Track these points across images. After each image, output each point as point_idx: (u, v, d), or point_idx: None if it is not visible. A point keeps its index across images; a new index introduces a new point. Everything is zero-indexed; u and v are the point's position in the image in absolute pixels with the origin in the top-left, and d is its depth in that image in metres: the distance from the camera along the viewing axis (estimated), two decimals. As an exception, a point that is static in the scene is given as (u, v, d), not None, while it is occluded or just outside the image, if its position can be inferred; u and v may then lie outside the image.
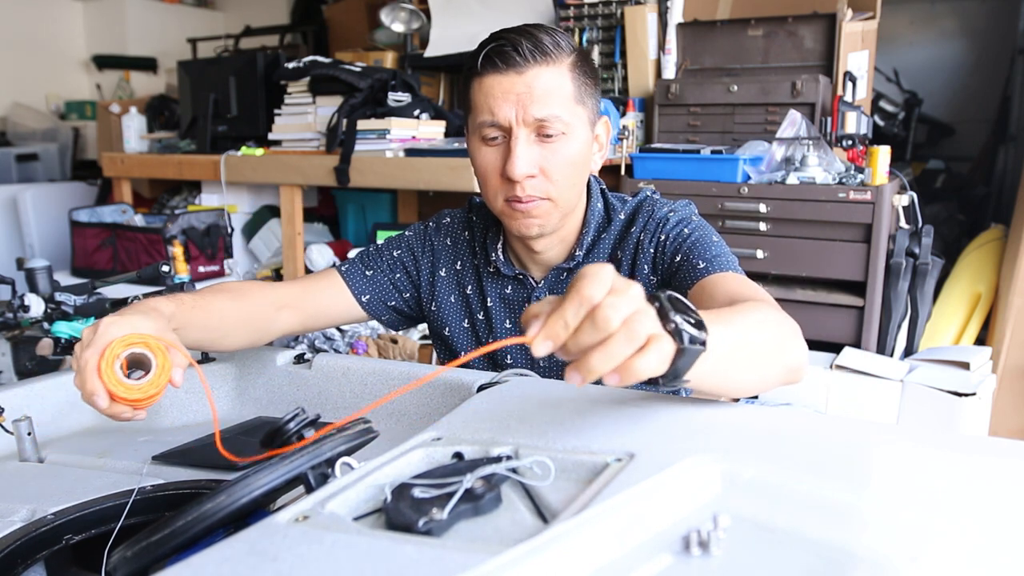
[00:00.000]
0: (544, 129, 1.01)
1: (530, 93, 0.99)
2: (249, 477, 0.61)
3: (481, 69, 1.02)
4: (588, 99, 1.05)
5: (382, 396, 1.08)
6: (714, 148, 2.43)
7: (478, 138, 1.06)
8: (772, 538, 0.52)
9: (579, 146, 1.05)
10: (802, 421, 0.76)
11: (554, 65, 1.00)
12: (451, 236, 1.24)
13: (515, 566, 0.46)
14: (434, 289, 1.23)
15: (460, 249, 1.23)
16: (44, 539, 0.79)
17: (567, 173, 1.04)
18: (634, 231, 1.13)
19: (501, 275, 1.18)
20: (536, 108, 1.00)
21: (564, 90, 1.01)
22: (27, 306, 1.17)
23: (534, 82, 0.99)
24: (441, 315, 1.22)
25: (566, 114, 1.01)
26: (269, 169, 2.69)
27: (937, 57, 4.49)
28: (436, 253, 1.24)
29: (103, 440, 1.08)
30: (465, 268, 1.22)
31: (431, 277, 1.23)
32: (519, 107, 1.00)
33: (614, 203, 1.17)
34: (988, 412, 2.09)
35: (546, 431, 0.72)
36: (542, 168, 1.03)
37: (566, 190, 1.06)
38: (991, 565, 0.50)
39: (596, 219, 1.15)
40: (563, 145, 1.03)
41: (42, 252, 3.40)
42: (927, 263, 2.33)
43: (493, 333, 1.19)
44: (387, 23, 3.18)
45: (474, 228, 1.23)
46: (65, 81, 5.08)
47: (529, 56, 0.99)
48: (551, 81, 1.00)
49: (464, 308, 1.22)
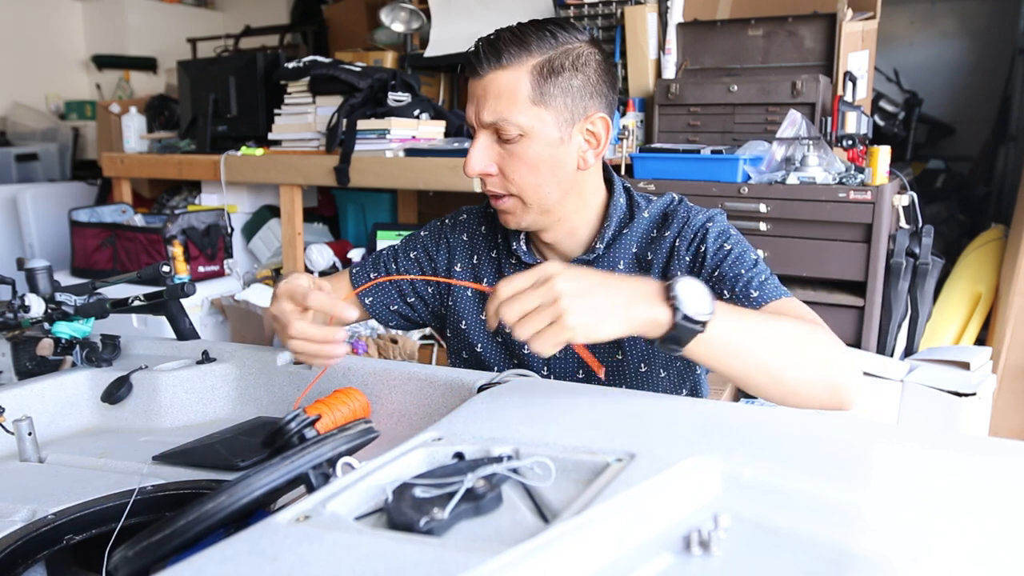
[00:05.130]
0: (502, 133, 1.03)
1: (485, 96, 1.03)
2: (250, 477, 0.62)
3: (465, 70, 1.07)
4: (558, 99, 1.03)
5: (382, 396, 1.08)
6: (714, 148, 2.43)
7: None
8: (773, 538, 0.52)
9: (540, 149, 1.04)
10: (802, 421, 0.77)
11: (510, 69, 1.02)
12: (467, 231, 1.26)
13: (516, 566, 0.46)
14: (451, 284, 1.24)
15: (476, 244, 1.25)
16: (45, 539, 0.79)
17: (526, 174, 1.06)
18: (668, 235, 1.13)
19: (522, 264, 1.19)
20: (486, 112, 1.03)
21: (519, 93, 1.02)
22: (27, 306, 1.18)
23: (489, 86, 1.02)
24: (458, 309, 1.24)
25: (521, 117, 1.02)
26: (269, 169, 2.69)
27: (937, 57, 4.49)
28: (452, 249, 1.26)
29: (103, 440, 1.08)
30: (482, 262, 1.23)
31: (447, 273, 1.25)
32: (477, 109, 1.04)
33: (638, 200, 1.18)
34: (988, 412, 2.09)
35: (547, 431, 0.73)
36: (500, 167, 1.06)
37: (530, 190, 1.07)
38: (991, 565, 0.50)
39: (618, 214, 1.15)
40: (521, 147, 1.04)
41: (42, 252, 3.40)
42: (927, 263, 2.33)
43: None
44: (387, 23, 3.18)
45: (493, 221, 1.25)
46: (65, 81, 5.07)
47: (484, 61, 1.02)
48: (505, 85, 1.02)
49: (480, 301, 1.23)
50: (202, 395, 1.17)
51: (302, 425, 0.72)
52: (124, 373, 1.16)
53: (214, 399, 1.17)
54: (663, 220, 1.16)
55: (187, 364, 1.19)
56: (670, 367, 1.15)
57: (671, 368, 1.16)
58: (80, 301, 1.21)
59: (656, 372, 1.15)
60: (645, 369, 1.14)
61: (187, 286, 1.27)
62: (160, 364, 1.20)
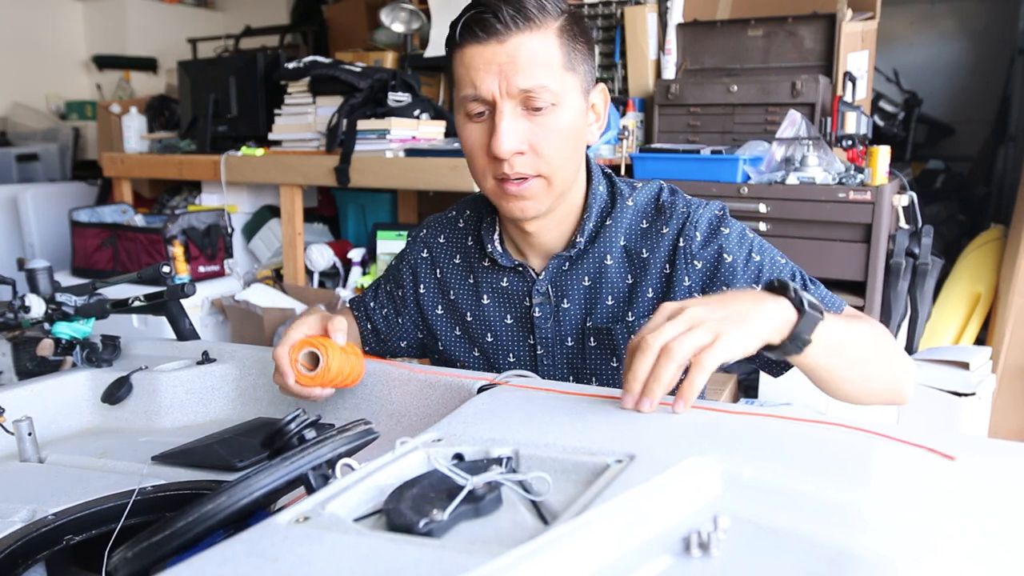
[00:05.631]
0: (531, 101, 0.93)
1: (513, 63, 0.92)
2: (250, 478, 0.62)
3: (461, 39, 0.95)
4: (580, 65, 0.97)
5: (382, 397, 1.08)
6: (714, 148, 2.43)
7: (463, 114, 0.98)
8: (772, 539, 0.52)
9: (572, 117, 0.97)
10: (802, 422, 0.77)
11: (538, 31, 0.92)
12: (428, 246, 1.20)
13: (515, 567, 0.46)
14: (420, 306, 1.21)
15: (437, 256, 1.19)
16: (44, 539, 0.79)
17: (559, 147, 0.96)
18: (666, 232, 1.06)
19: (498, 267, 1.12)
20: (521, 78, 0.92)
21: (551, 58, 0.93)
22: (28, 307, 1.18)
23: (517, 51, 0.92)
24: (435, 331, 1.20)
25: (555, 83, 0.93)
26: (269, 169, 2.69)
27: (937, 57, 4.49)
28: (415, 269, 1.21)
29: (103, 440, 1.08)
30: (446, 273, 1.18)
31: (415, 296, 1.21)
32: (502, 78, 0.92)
33: (621, 187, 1.10)
34: (988, 412, 2.09)
35: (546, 432, 0.73)
36: (531, 144, 0.95)
37: (560, 166, 0.98)
38: (992, 565, 0.50)
39: (599, 203, 1.08)
40: (553, 117, 0.95)
41: (42, 252, 3.40)
42: (927, 263, 2.33)
43: (492, 331, 1.14)
44: (387, 23, 3.18)
45: (452, 227, 1.19)
46: (65, 81, 5.08)
47: (511, 22, 0.91)
48: (536, 49, 0.92)
49: (450, 317, 1.18)
50: (202, 395, 1.17)
51: (302, 426, 0.72)
52: (124, 373, 1.16)
53: (214, 399, 1.17)
54: (656, 212, 1.08)
55: (187, 364, 1.19)
56: None
57: None
58: (80, 301, 1.21)
59: None
60: None
61: (187, 286, 1.27)
62: (160, 364, 1.20)
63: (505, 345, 1.14)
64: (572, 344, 1.11)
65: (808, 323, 0.81)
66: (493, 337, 1.15)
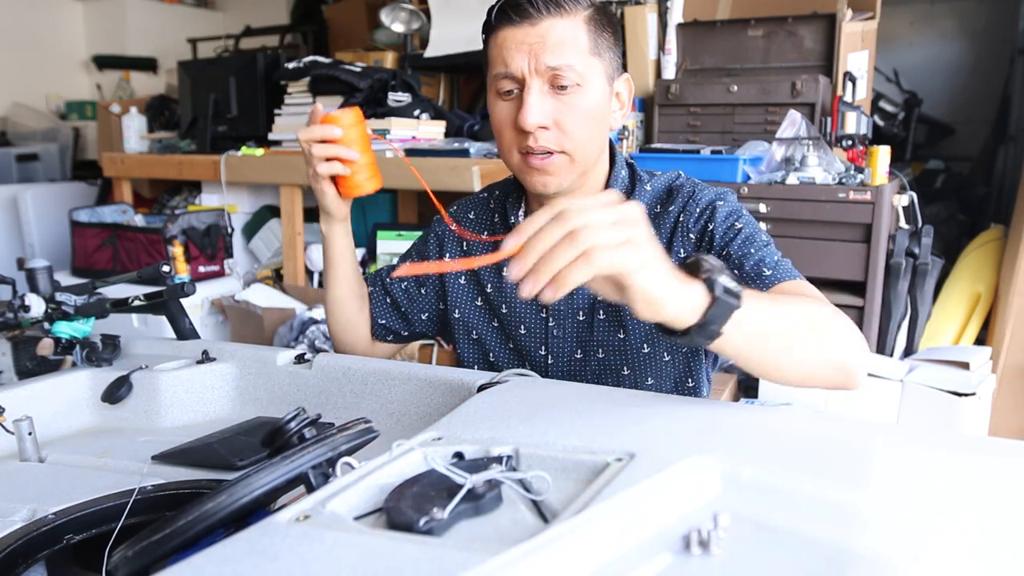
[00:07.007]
0: (558, 80, 1.00)
1: (543, 43, 0.99)
2: (250, 477, 0.62)
3: (496, 23, 1.02)
4: (606, 52, 1.04)
5: (382, 396, 1.08)
6: (714, 148, 2.43)
7: (494, 93, 1.05)
8: (772, 538, 0.52)
9: (596, 99, 1.03)
10: (802, 421, 0.77)
11: (568, 17, 1.00)
12: (455, 222, 1.26)
13: (515, 566, 0.46)
14: (442, 276, 1.24)
15: (483, 222, 1.25)
16: (45, 539, 0.79)
17: (582, 126, 1.02)
18: (672, 210, 1.12)
19: None
20: (549, 56, 0.99)
21: (579, 42, 1.00)
22: (27, 306, 1.18)
23: (548, 33, 0.99)
24: (453, 299, 1.24)
25: (581, 65, 1.00)
26: (269, 169, 2.69)
27: (937, 57, 4.50)
28: (441, 240, 1.26)
29: (103, 440, 1.08)
30: (472, 248, 1.23)
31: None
32: (531, 57, 0.99)
33: (641, 174, 1.16)
34: (988, 412, 2.09)
35: (546, 431, 0.73)
36: (556, 120, 1.01)
37: (583, 144, 1.04)
38: (991, 565, 0.50)
39: (620, 186, 1.14)
40: (578, 97, 1.01)
41: (42, 252, 3.40)
42: (927, 263, 2.33)
43: (508, 302, 1.19)
44: (387, 23, 3.18)
45: (483, 206, 1.25)
46: (65, 81, 5.08)
47: (543, 8, 0.99)
48: (565, 32, 1.00)
49: (473, 288, 1.22)
50: (202, 395, 1.17)
51: (301, 425, 0.72)
52: (124, 373, 1.16)
53: (214, 399, 1.17)
54: (667, 195, 1.14)
55: (187, 364, 1.19)
56: (676, 352, 1.12)
57: (676, 353, 1.12)
58: (80, 301, 1.21)
59: (660, 355, 1.12)
60: (648, 350, 1.12)
61: (187, 286, 1.27)
62: (160, 364, 1.20)
63: (519, 316, 1.18)
64: (583, 318, 1.15)
65: (721, 311, 0.72)
66: (508, 309, 1.19)
